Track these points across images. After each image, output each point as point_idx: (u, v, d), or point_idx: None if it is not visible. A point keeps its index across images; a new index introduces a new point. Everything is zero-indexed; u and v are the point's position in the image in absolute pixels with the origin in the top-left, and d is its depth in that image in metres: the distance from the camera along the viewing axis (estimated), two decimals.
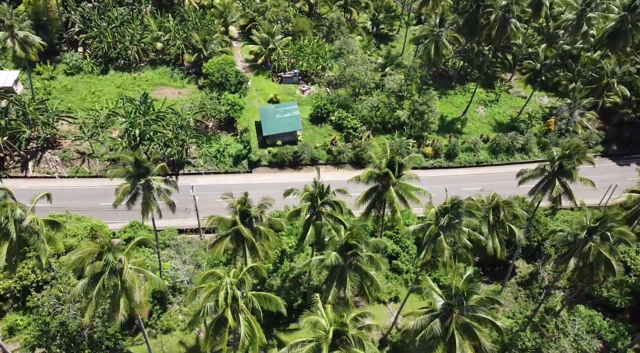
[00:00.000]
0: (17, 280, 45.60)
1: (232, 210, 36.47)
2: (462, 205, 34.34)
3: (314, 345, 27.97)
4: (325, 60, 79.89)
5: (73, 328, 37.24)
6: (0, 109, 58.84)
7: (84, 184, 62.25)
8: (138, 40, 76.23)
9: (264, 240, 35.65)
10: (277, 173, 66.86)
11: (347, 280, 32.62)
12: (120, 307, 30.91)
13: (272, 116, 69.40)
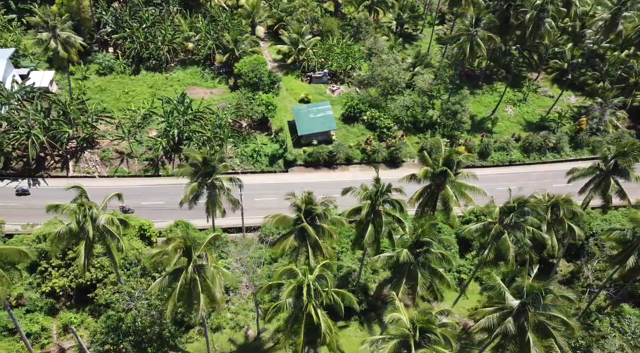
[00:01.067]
0: (72, 278, 46.09)
1: (294, 208, 36.82)
2: (527, 204, 34.67)
3: (397, 343, 28.25)
4: (355, 60, 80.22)
5: (146, 325, 37.65)
6: (43, 109, 59.21)
7: (124, 184, 62.61)
8: (169, 41, 76.67)
9: (326, 238, 36.00)
10: (313, 172, 67.23)
11: (418, 277, 32.91)
12: (201, 302, 31.28)
13: (305, 116, 69.78)
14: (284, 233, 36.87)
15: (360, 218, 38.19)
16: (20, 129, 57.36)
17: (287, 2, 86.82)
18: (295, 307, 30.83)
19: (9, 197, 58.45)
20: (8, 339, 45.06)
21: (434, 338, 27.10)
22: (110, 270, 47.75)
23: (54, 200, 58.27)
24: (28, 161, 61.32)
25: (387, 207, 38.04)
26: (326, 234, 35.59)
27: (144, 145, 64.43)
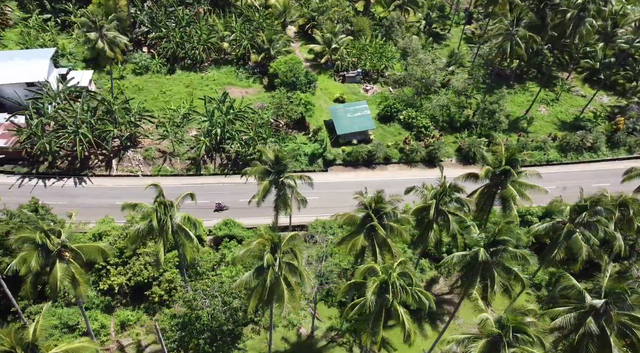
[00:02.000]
0: (130, 276, 46.55)
1: (361, 207, 37.06)
2: (600, 203, 34.83)
3: (485, 342, 28.45)
4: (389, 59, 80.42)
5: (222, 322, 38.01)
6: (91, 108, 59.67)
7: (167, 182, 62.81)
8: (205, 40, 77.05)
9: (395, 237, 36.23)
10: (352, 171, 67.49)
11: (495, 276, 33.13)
12: (285, 299, 31.58)
13: (343, 115, 70.06)
14: (352, 232, 37.13)
15: (430, 216, 38.14)
16: (69, 128, 57.82)
17: (318, 1, 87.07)
18: (377, 306, 31.06)
19: (56, 195, 58.85)
20: (68, 336, 45.56)
21: (523, 338, 27.31)
22: (166, 268, 48.19)
23: (100, 199, 59.66)
24: (73, 160, 61.92)
25: (452, 206, 38.23)
26: (395, 233, 35.83)
27: (186, 144, 64.81)
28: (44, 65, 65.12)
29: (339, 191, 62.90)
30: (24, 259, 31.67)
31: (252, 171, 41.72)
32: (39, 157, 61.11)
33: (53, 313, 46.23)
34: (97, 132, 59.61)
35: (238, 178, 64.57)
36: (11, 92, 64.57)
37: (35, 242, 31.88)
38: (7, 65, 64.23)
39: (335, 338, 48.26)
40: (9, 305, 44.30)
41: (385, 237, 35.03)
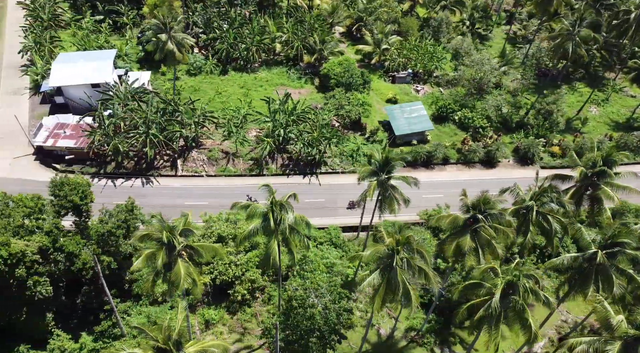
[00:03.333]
0: (217, 275, 47.04)
1: (464, 208, 37.24)
2: None
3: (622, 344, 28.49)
4: (439, 60, 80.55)
5: (335, 321, 38.35)
6: (160, 109, 60.28)
7: (231, 183, 63.57)
8: (258, 41, 77.54)
9: (500, 237, 36.38)
10: (412, 172, 67.29)
11: (612, 279, 33.17)
12: (413, 299, 31.93)
13: (400, 116, 70.29)
14: (453, 233, 37.33)
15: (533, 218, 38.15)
16: (140, 129, 58.45)
17: (366, 2, 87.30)
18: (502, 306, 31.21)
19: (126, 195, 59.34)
20: None
21: None
22: (247, 267, 48.66)
23: (169, 199, 60.21)
24: (139, 160, 62.58)
25: (549, 207, 38.35)
26: (501, 235, 35.98)
27: (250, 145, 65.30)
28: (109, 67, 65.88)
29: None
30: (149, 257, 32.12)
31: (362, 172, 41.85)
32: (106, 158, 61.88)
33: (139, 312, 46.83)
34: (165, 133, 60.19)
35: (300, 179, 65.26)
36: (77, 93, 65.38)
37: (160, 240, 32.36)
38: (73, 66, 64.99)
39: (415, 338, 48.51)
40: (101, 303, 44.94)
41: (490, 239, 35.22)
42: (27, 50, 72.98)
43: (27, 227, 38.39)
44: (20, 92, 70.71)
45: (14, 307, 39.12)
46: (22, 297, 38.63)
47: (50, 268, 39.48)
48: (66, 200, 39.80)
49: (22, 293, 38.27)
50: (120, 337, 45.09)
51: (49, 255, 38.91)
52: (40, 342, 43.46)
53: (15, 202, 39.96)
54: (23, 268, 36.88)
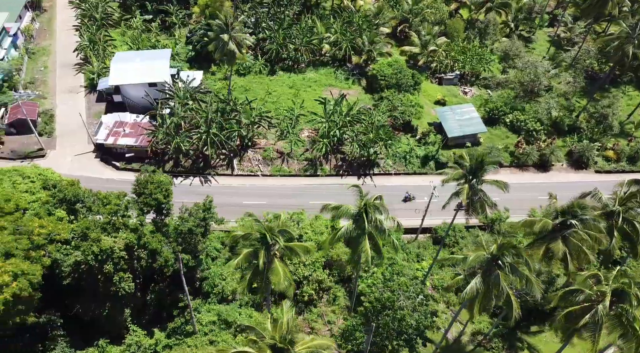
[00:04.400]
0: None
1: (553, 213, 36.89)
2: None
3: None
4: (488, 62, 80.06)
5: (425, 324, 38.47)
6: (220, 108, 60.80)
7: (286, 183, 63.87)
8: (307, 42, 77.79)
9: (591, 244, 35.89)
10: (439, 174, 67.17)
11: None
12: (515, 305, 31.88)
13: (451, 118, 70.02)
14: (541, 237, 37.06)
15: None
16: (201, 128, 59.01)
17: (411, 3, 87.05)
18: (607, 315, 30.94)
19: (186, 194, 59.98)
20: (225, 332, 46.49)
21: None
22: (314, 268, 48.86)
23: (228, 198, 60.65)
24: (196, 159, 63.17)
25: (635, 213, 37.91)
26: (594, 240, 35.53)
27: (302, 145, 65.56)
28: (165, 66, 66.61)
29: None
30: (248, 256, 32.39)
31: (452, 175, 41.70)
32: (164, 156, 62.59)
33: (209, 310, 47.28)
34: (224, 132, 60.70)
35: (355, 180, 65.33)
36: (134, 92, 66.21)
37: (260, 240, 32.63)
38: (130, 66, 65.81)
39: (483, 343, 48.28)
40: (175, 300, 45.48)
41: (581, 244, 34.91)
42: (82, 49, 74.07)
43: (114, 224, 39.02)
44: (76, 90, 71.83)
45: (98, 302, 39.80)
46: (107, 293, 39.29)
47: (133, 264, 40.10)
48: (151, 198, 40.38)
49: (108, 288, 38.92)
50: (191, 334, 45.57)
51: (133, 252, 39.51)
52: (117, 337, 44.17)
53: (101, 200, 40.62)
54: (111, 264, 37.50)
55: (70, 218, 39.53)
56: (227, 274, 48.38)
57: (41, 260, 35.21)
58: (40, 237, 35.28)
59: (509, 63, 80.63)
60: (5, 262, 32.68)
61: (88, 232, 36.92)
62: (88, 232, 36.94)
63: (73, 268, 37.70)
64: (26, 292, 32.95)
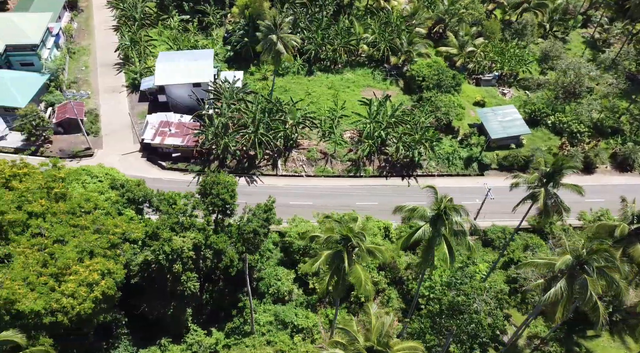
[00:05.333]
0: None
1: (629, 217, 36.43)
2: None
3: None
4: (527, 63, 79.50)
5: (500, 327, 38.29)
6: (267, 109, 60.90)
7: (330, 183, 63.82)
8: (345, 42, 77.73)
9: None
10: (509, 177, 66.57)
11: None
12: (601, 310, 31.61)
13: (493, 119, 69.58)
14: (616, 241, 36.61)
15: None
16: (249, 128, 59.14)
17: (447, 4, 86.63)
18: None
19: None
20: (282, 332, 46.55)
21: None
22: (368, 269, 48.73)
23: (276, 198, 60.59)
24: (241, 159, 63.31)
25: None
26: None
27: (346, 146, 65.50)
28: (210, 66, 66.84)
29: (498, 197, 61.96)
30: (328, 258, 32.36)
31: (530, 179, 41.24)
32: (210, 156, 62.81)
33: (264, 310, 47.36)
34: (271, 133, 60.80)
35: (399, 181, 65.16)
36: (179, 92, 66.54)
37: (341, 241, 32.59)
38: (176, 66, 66.10)
39: (540, 346, 47.88)
40: (234, 301, 45.60)
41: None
42: (124, 49, 74.55)
43: (182, 224, 39.18)
44: (118, 89, 72.31)
45: (164, 301, 40.00)
46: (173, 292, 39.48)
47: (198, 264, 40.27)
48: (218, 198, 40.50)
49: (175, 288, 39.11)
50: (249, 334, 45.68)
51: (199, 252, 39.67)
52: (175, 336, 44.36)
53: (167, 200, 40.81)
54: (180, 263, 37.66)
55: (139, 217, 39.75)
56: (282, 275, 48.42)
57: (119, 259, 35.46)
58: (115, 236, 35.52)
59: (548, 64, 79.98)
60: (91, 260, 32.96)
61: (159, 232, 37.12)
62: (159, 231, 37.15)
63: (142, 267, 37.93)
64: (112, 291, 33.22)
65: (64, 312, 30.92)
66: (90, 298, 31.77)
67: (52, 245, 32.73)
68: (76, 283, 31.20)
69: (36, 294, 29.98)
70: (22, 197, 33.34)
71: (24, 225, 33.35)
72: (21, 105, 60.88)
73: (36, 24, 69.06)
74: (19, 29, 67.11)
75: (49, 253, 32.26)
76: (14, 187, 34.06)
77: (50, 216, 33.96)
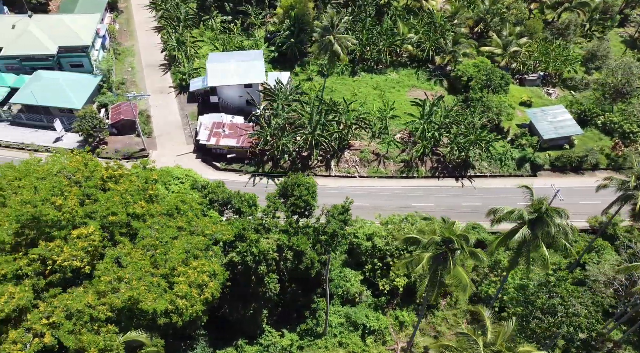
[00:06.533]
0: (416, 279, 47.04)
1: None
2: None
3: None
4: (572, 62, 78.90)
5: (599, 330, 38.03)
6: (323, 109, 60.76)
7: (384, 184, 63.56)
8: (390, 43, 77.49)
9: None
10: (561, 178, 66.29)
11: None
12: None
13: (543, 119, 69.14)
14: None
15: None
16: (306, 129, 59.02)
17: (488, 4, 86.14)
18: None
19: None
20: (353, 334, 46.39)
21: None
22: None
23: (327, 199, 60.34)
24: (294, 160, 63.17)
25: None
26: None
27: (397, 146, 65.25)
28: (261, 67, 66.78)
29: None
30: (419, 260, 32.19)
31: (632, 181, 40.66)
32: (263, 157, 62.76)
33: (334, 311, 47.20)
34: (326, 134, 60.67)
35: (453, 182, 64.80)
36: (230, 93, 66.58)
37: (443, 243, 32.38)
38: (227, 67, 66.09)
39: (614, 350, 47.33)
40: (305, 302, 45.46)
41: None
42: (170, 50, 74.69)
43: (265, 225, 39.07)
44: (166, 90, 72.45)
45: (245, 302, 39.94)
46: (255, 293, 39.38)
47: (279, 265, 40.16)
48: (300, 199, 40.38)
49: (256, 289, 39.02)
50: (320, 336, 45.56)
51: (281, 253, 39.55)
52: (250, 337, 44.33)
53: (247, 201, 40.74)
54: (264, 265, 37.57)
55: (221, 219, 39.72)
56: (350, 276, 48.23)
57: (213, 261, 35.36)
58: (207, 238, 35.47)
59: (595, 63, 79.35)
60: (197, 262, 32.96)
61: (245, 233, 37.05)
62: (245, 233, 37.08)
63: (225, 269, 37.84)
64: (217, 293, 33.20)
65: (179, 313, 30.94)
66: (201, 299, 31.76)
67: (161, 246, 32.69)
68: (187, 285, 31.19)
69: (154, 294, 30.03)
70: (122, 199, 33.40)
71: (127, 226, 33.41)
72: (78, 107, 61.13)
73: (86, 26, 69.37)
74: (71, 30, 67.41)
75: (159, 254, 32.28)
76: (110, 189, 34.15)
77: (148, 218, 34.00)
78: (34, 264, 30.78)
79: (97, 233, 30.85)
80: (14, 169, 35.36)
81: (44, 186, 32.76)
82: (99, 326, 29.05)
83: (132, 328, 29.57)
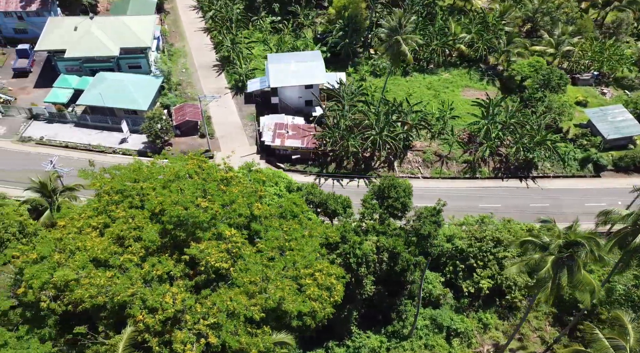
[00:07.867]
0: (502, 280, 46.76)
1: None
2: None
3: None
4: (627, 61, 78.12)
5: None
6: (388, 110, 60.59)
7: (448, 185, 63.26)
8: (443, 43, 77.14)
9: None
10: (625, 178, 65.58)
11: None
12: None
13: (604, 119, 68.49)
14: None
15: None
16: (373, 130, 58.89)
17: (537, 3, 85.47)
18: None
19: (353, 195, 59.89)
20: (438, 336, 46.20)
21: None
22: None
23: None
24: (357, 161, 63.03)
25: None
26: None
27: (459, 147, 64.93)
28: (321, 68, 66.68)
29: (616, 200, 60.53)
30: (543, 263, 31.93)
31: None
32: (327, 158, 62.70)
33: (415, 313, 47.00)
34: (392, 134, 60.50)
35: (517, 183, 64.33)
36: (291, 94, 66.56)
37: (567, 247, 32.11)
38: (287, 68, 66.04)
39: None
40: (392, 305, 45.30)
41: None
42: (225, 51, 74.78)
43: (362, 227, 38.99)
44: (222, 91, 72.54)
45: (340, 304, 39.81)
46: (351, 295, 39.25)
47: (375, 267, 40.06)
48: (398, 201, 40.27)
49: (354, 291, 38.92)
50: (406, 338, 45.39)
51: (378, 255, 39.46)
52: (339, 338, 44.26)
53: (341, 203, 40.67)
54: (365, 267, 37.49)
55: (322, 220, 39.68)
56: (431, 278, 48.00)
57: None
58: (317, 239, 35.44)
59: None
60: (322, 264, 32.87)
61: (347, 235, 36.99)
62: (347, 235, 37.02)
63: None
64: (341, 295, 33.12)
65: (312, 316, 30.87)
66: (330, 302, 31.72)
67: (290, 249, 32.70)
68: (316, 287, 31.14)
69: (293, 296, 29.99)
70: (244, 200, 33.33)
71: (246, 228, 33.39)
72: (144, 108, 61.38)
73: (145, 27, 69.62)
74: (131, 31, 67.68)
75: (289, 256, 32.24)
76: (225, 191, 34.11)
77: (264, 220, 34.01)
78: (179, 265, 30.89)
79: (238, 235, 30.83)
80: (137, 172, 35.45)
81: (187, 188, 32.90)
82: (252, 327, 29.01)
83: (275, 330, 29.54)
